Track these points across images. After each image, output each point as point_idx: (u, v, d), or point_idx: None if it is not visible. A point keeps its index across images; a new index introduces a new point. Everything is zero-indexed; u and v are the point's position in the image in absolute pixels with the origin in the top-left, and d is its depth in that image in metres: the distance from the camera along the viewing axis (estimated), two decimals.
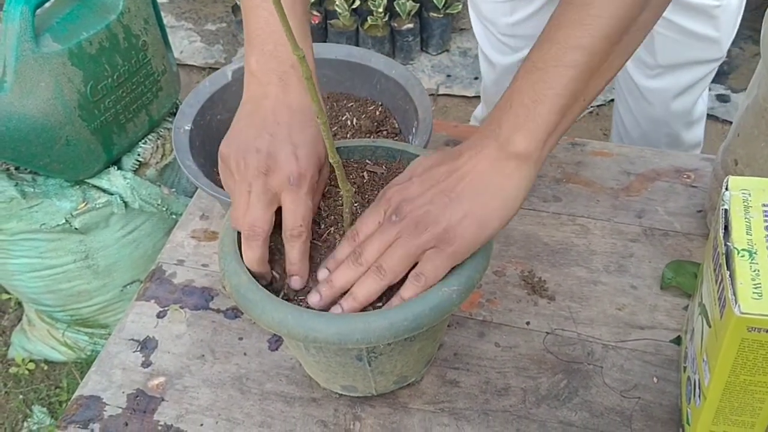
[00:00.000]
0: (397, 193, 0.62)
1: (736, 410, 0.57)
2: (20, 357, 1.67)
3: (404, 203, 0.60)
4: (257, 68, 0.66)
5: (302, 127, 0.64)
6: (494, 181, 0.59)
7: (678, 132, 1.28)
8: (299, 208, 0.62)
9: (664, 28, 1.12)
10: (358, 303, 0.60)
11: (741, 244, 0.53)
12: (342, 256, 0.62)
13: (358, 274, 0.60)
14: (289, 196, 0.62)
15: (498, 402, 0.72)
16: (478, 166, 0.60)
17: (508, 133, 0.59)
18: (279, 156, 0.62)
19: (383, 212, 0.62)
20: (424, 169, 0.63)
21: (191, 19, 2.68)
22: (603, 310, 0.79)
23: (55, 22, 1.17)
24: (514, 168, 0.59)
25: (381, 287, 0.59)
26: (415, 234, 0.58)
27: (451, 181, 0.60)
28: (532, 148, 0.59)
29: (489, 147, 0.60)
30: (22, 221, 1.25)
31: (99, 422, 0.74)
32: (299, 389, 0.75)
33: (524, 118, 0.59)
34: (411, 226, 0.59)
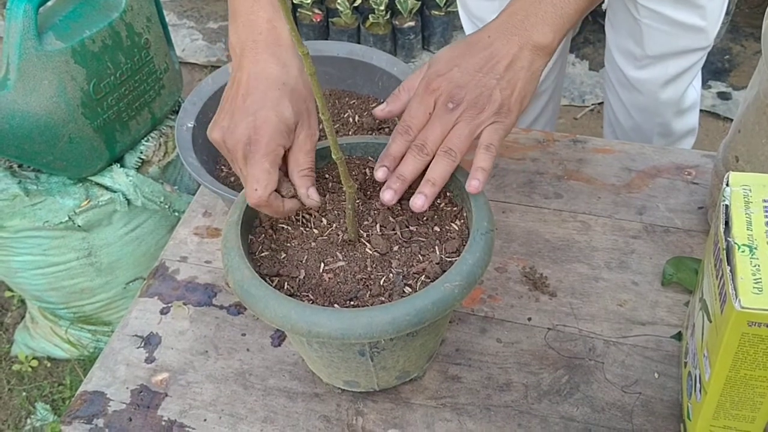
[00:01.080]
0: (444, 82, 0.68)
1: (737, 405, 0.57)
2: (23, 354, 1.67)
3: (457, 89, 0.67)
4: (234, 41, 0.70)
5: (264, 94, 0.66)
6: (524, 64, 0.69)
7: (668, 121, 1.29)
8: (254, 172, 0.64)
9: (651, 20, 1.13)
10: (438, 186, 0.65)
11: (741, 240, 0.53)
12: (398, 151, 0.67)
13: (425, 162, 0.66)
14: (249, 164, 0.64)
15: (500, 397, 0.73)
16: (509, 52, 0.69)
17: (535, 26, 0.69)
18: (237, 130, 0.65)
19: (433, 103, 0.68)
20: (459, 59, 0.69)
21: (193, 18, 2.69)
22: (604, 306, 0.80)
23: (58, 20, 1.17)
24: (537, 56, 0.69)
25: (453, 168, 0.66)
26: (477, 113, 0.67)
27: (492, 65, 0.68)
28: (555, 42, 0.69)
29: (517, 35, 0.69)
30: (25, 218, 1.25)
31: (103, 417, 0.74)
32: (302, 385, 0.75)
33: (552, 14, 0.69)
34: (472, 107, 0.67)
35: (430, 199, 0.65)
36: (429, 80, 0.68)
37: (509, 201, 0.92)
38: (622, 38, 1.22)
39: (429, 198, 0.65)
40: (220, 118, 0.68)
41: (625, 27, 1.19)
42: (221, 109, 0.69)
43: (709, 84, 2.21)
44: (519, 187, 0.93)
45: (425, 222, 0.68)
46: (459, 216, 0.68)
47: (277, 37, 0.69)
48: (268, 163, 0.64)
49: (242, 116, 0.65)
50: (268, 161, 0.64)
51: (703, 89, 2.17)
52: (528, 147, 0.98)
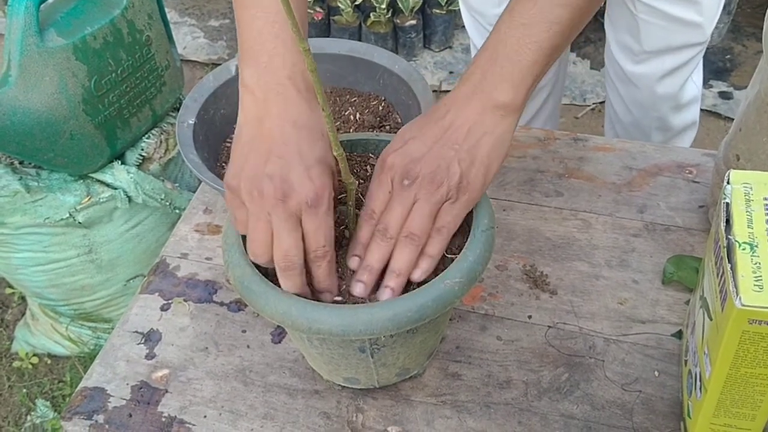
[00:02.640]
0: (398, 157, 0.62)
1: (737, 403, 0.57)
2: (24, 351, 1.67)
3: (411, 164, 0.61)
4: (252, 83, 0.64)
5: (311, 144, 0.61)
6: (487, 129, 0.63)
7: (666, 115, 1.30)
8: (320, 228, 0.59)
9: (648, 15, 1.13)
10: (403, 276, 0.61)
11: (742, 237, 0.53)
12: (366, 238, 0.63)
13: (390, 247, 0.61)
14: (309, 218, 0.59)
15: (500, 395, 0.73)
16: (468, 118, 0.63)
17: (494, 85, 0.63)
18: (293, 179, 0.59)
19: (390, 181, 0.62)
20: (416, 131, 0.64)
21: (194, 15, 2.69)
22: (604, 305, 0.80)
23: (60, 17, 1.17)
24: (501, 117, 0.63)
25: (417, 253, 0.61)
26: (434, 190, 0.60)
27: (450, 135, 0.62)
28: (517, 98, 0.63)
29: (475, 99, 0.63)
30: (26, 215, 1.25)
31: (103, 414, 0.74)
32: (302, 381, 0.75)
33: (509, 70, 0.63)
34: (427, 184, 0.60)
35: (398, 290, 0.61)
36: (384, 157, 0.63)
37: (510, 199, 0.92)
38: (620, 33, 1.22)
39: (396, 290, 0.61)
40: (253, 164, 0.60)
41: (622, 22, 1.20)
42: (246, 155, 0.61)
43: (710, 83, 2.21)
44: (519, 184, 0.93)
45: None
46: None
47: (307, 83, 0.64)
48: (331, 218, 0.61)
49: (291, 165, 0.59)
50: (330, 217, 0.60)
51: (705, 89, 2.17)
52: (529, 145, 0.98)
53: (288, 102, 0.63)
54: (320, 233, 0.60)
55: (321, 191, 0.59)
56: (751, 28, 2.40)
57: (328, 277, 0.62)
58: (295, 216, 0.59)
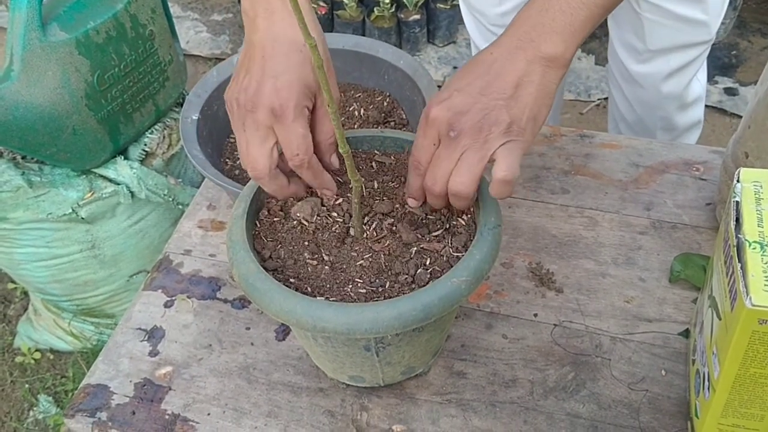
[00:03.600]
0: (443, 110, 0.61)
1: (746, 403, 0.56)
2: (26, 346, 1.67)
3: (457, 116, 0.60)
4: (247, 6, 0.68)
5: (286, 57, 0.64)
6: (534, 79, 0.62)
7: (671, 115, 1.29)
8: (290, 138, 0.63)
9: (653, 14, 1.12)
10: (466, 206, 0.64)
11: (752, 237, 0.53)
12: (417, 185, 0.65)
13: (442, 200, 0.63)
14: (278, 128, 0.63)
15: (505, 394, 0.72)
16: (516, 68, 0.62)
17: (544, 37, 0.62)
18: (260, 91, 0.63)
19: (436, 133, 0.62)
20: (461, 82, 0.63)
21: (197, 10, 2.68)
22: (611, 303, 0.79)
23: (62, 11, 1.16)
24: (548, 68, 0.62)
25: (469, 203, 0.63)
26: (482, 138, 0.60)
27: (497, 86, 0.61)
28: (567, 53, 0.62)
29: (524, 49, 0.62)
30: (28, 210, 1.25)
31: (106, 411, 0.74)
32: (306, 379, 0.75)
33: (562, 23, 0.62)
34: (476, 133, 0.60)
35: None
36: (428, 110, 0.62)
37: (516, 196, 0.91)
38: (624, 32, 1.21)
39: None
40: (237, 79, 0.66)
41: (627, 21, 1.19)
42: (238, 72, 0.67)
43: (715, 80, 2.20)
44: (525, 182, 0.93)
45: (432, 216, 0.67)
46: (466, 211, 0.67)
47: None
48: (301, 127, 0.63)
49: (264, 79, 0.63)
50: (300, 125, 0.63)
51: (710, 85, 2.16)
52: (534, 141, 0.98)
53: (273, 17, 0.66)
54: (291, 143, 0.63)
55: (286, 102, 0.62)
56: (757, 24, 2.39)
57: (315, 180, 0.65)
58: (264, 126, 0.63)
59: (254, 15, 0.67)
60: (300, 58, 0.65)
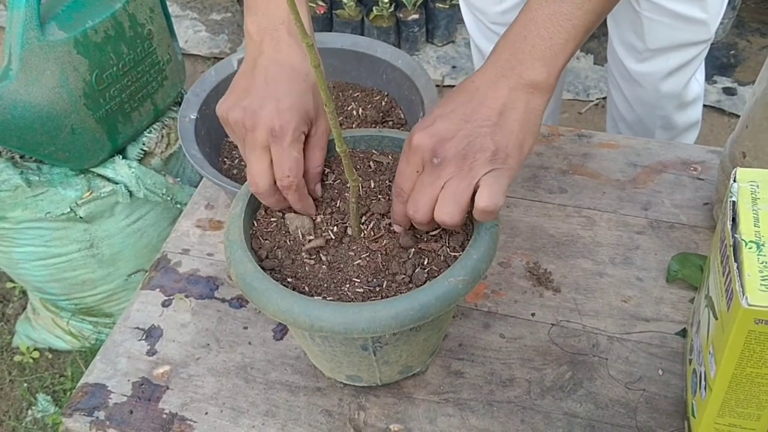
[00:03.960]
0: (427, 137, 0.60)
1: (742, 402, 0.57)
2: (25, 345, 1.67)
3: (441, 143, 0.59)
4: (252, 29, 0.69)
5: (290, 83, 0.66)
6: (518, 106, 0.61)
7: (670, 114, 1.29)
8: (284, 159, 0.64)
9: (652, 12, 1.12)
10: None
11: (749, 236, 0.53)
12: (400, 213, 0.64)
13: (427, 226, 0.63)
14: (274, 148, 0.64)
15: (503, 393, 0.72)
16: (499, 96, 0.61)
17: (525, 64, 0.61)
18: (262, 112, 0.64)
19: (419, 160, 0.61)
20: (445, 110, 0.62)
21: (196, 9, 2.68)
22: (608, 302, 0.79)
23: (61, 10, 1.16)
24: (532, 95, 0.62)
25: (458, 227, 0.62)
26: (467, 166, 0.59)
27: (480, 114, 0.61)
28: (550, 78, 0.62)
29: (506, 77, 0.62)
30: (27, 210, 1.25)
31: (104, 410, 0.74)
32: (304, 379, 0.75)
33: (541, 48, 0.61)
34: (459, 162, 0.59)
35: None
36: (411, 137, 0.61)
37: (513, 195, 0.91)
38: (623, 31, 1.21)
39: None
40: (236, 97, 0.66)
41: (626, 20, 1.19)
42: (235, 89, 0.68)
43: (714, 79, 2.20)
44: (523, 181, 0.93)
45: None
46: None
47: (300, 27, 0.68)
48: (296, 151, 0.64)
49: (265, 100, 0.64)
50: (296, 149, 0.64)
51: (709, 84, 2.16)
52: None
53: (280, 44, 0.68)
54: (284, 163, 0.64)
55: (286, 125, 0.64)
56: (755, 24, 2.39)
57: (299, 203, 0.66)
58: (262, 146, 0.64)
59: (260, 40, 0.68)
60: (303, 86, 0.66)
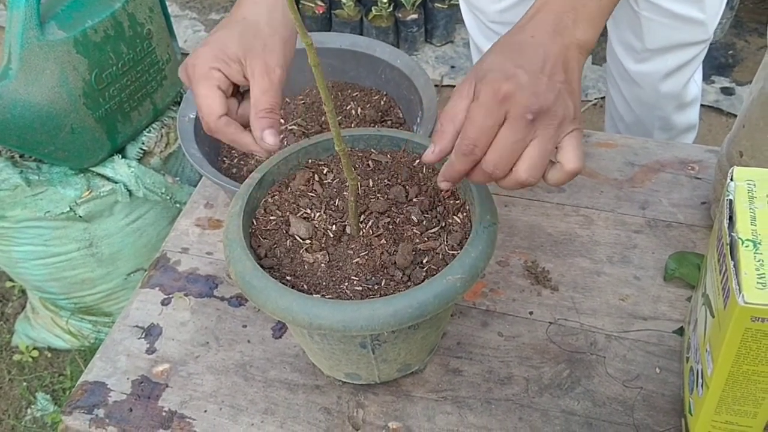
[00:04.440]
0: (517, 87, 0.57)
1: (739, 400, 0.57)
2: (24, 344, 1.67)
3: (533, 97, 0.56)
4: None
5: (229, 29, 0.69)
6: (572, 65, 0.61)
7: (669, 115, 1.29)
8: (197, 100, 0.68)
9: (651, 12, 1.12)
10: None
11: (745, 235, 0.53)
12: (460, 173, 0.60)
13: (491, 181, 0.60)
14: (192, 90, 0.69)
15: (501, 391, 0.73)
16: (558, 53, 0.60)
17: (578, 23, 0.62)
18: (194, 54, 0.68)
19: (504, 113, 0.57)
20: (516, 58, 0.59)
21: (195, 9, 2.68)
22: (606, 301, 0.79)
23: (60, 10, 1.17)
24: (581, 56, 0.62)
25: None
26: (556, 124, 0.57)
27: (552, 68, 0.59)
28: (593, 38, 0.63)
29: (562, 35, 0.61)
30: (26, 209, 1.25)
31: (103, 408, 0.74)
32: (303, 377, 0.75)
33: (591, 8, 0.62)
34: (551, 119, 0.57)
35: None
36: (497, 86, 0.56)
37: (512, 194, 0.91)
38: (622, 31, 1.22)
39: None
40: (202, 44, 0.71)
41: (625, 20, 1.19)
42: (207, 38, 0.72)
43: (712, 79, 2.20)
44: None
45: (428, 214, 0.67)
46: (462, 209, 0.67)
47: None
48: (205, 87, 0.66)
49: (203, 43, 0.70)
50: (203, 86, 0.66)
51: (707, 84, 2.17)
52: None
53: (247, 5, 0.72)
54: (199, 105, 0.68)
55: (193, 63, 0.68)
56: (753, 24, 2.39)
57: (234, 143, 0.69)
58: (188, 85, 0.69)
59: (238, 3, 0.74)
60: (231, 28, 0.70)
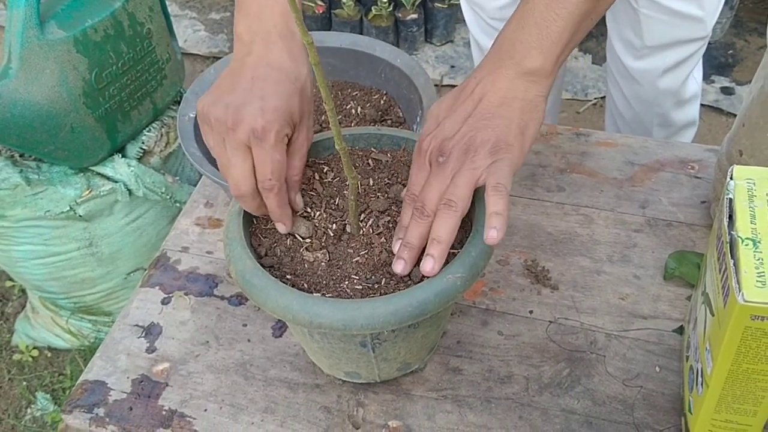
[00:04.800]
0: (432, 139, 0.64)
1: (739, 398, 0.57)
2: (24, 344, 1.67)
3: (445, 142, 0.63)
4: (242, 31, 0.68)
5: (276, 84, 0.64)
6: (518, 95, 0.64)
7: (668, 111, 1.29)
8: (266, 161, 0.62)
9: (650, 9, 1.13)
10: (444, 243, 0.60)
11: (745, 233, 0.53)
12: (407, 221, 0.63)
13: (429, 224, 0.61)
14: (256, 150, 0.62)
15: (501, 390, 0.73)
16: (500, 88, 0.64)
17: (523, 53, 0.63)
18: (245, 110, 0.62)
19: (427, 163, 0.63)
20: (448, 110, 0.65)
21: (195, 8, 2.68)
22: (606, 300, 0.80)
23: (60, 9, 1.17)
24: (532, 82, 0.64)
25: (457, 220, 0.60)
26: (471, 158, 0.61)
27: (482, 107, 0.63)
28: (547, 65, 0.64)
29: (505, 67, 0.64)
30: (26, 208, 1.25)
31: (104, 407, 0.74)
32: (303, 375, 0.75)
33: (537, 36, 0.63)
34: (462, 155, 0.62)
35: (440, 259, 0.59)
36: (420, 142, 0.64)
37: (512, 194, 0.91)
38: (621, 28, 1.22)
39: (438, 258, 0.59)
40: (219, 93, 0.65)
41: (624, 17, 1.19)
42: (220, 86, 0.66)
43: (712, 79, 2.20)
44: (521, 179, 0.93)
45: None
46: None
47: (292, 32, 0.67)
48: (279, 153, 0.63)
49: (250, 98, 0.63)
50: (278, 151, 0.63)
51: (707, 84, 2.17)
52: None
53: (270, 46, 0.66)
54: (266, 165, 0.62)
55: (269, 126, 0.62)
56: (753, 23, 2.39)
57: (278, 208, 0.64)
58: (244, 146, 0.62)
59: (250, 41, 0.67)
60: (290, 88, 0.65)
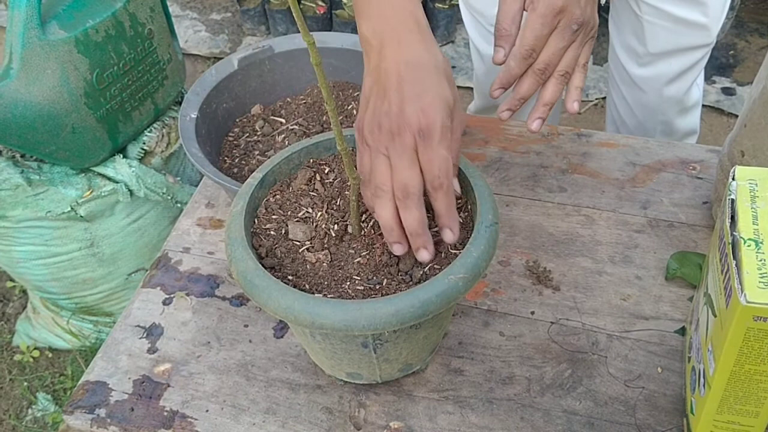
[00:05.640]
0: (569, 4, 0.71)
1: (741, 400, 0.57)
2: (25, 344, 1.67)
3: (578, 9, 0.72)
4: (369, 34, 0.67)
5: (423, 80, 0.63)
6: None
7: (671, 119, 1.29)
8: (434, 159, 0.60)
9: (653, 17, 1.12)
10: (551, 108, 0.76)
11: (747, 234, 0.53)
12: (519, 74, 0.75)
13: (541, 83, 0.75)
14: (422, 149, 0.60)
15: (502, 390, 0.73)
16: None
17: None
18: (407, 113, 0.61)
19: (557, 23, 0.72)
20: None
21: (196, 9, 2.68)
22: (608, 301, 0.79)
23: (62, 10, 1.17)
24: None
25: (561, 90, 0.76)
26: (588, 32, 0.74)
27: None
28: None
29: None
30: (27, 208, 1.25)
31: (105, 407, 0.74)
32: (304, 376, 0.75)
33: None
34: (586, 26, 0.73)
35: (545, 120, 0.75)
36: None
37: (513, 194, 0.91)
38: (624, 35, 1.21)
39: (545, 120, 0.75)
40: (372, 107, 0.64)
41: (627, 24, 1.19)
42: (368, 101, 0.65)
43: (713, 79, 2.20)
44: (523, 180, 0.93)
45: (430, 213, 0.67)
46: (463, 208, 0.67)
47: (418, 23, 0.67)
48: (445, 149, 0.61)
49: (405, 101, 0.61)
50: (444, 147, 0.61)
51: (708, 85, 2.17)
52: (532, 140, 0.98)
53: (401, 44, 0.65)
54: (434, 163, 0.60)
55: (432, 122, 0.60)
56: (754, 24, 2.40)
57: (447, 211, 0.62)
58: (410, 149, 0.61)
59: (380, 44, 0.66)
60: (436, 78, 0.64)
